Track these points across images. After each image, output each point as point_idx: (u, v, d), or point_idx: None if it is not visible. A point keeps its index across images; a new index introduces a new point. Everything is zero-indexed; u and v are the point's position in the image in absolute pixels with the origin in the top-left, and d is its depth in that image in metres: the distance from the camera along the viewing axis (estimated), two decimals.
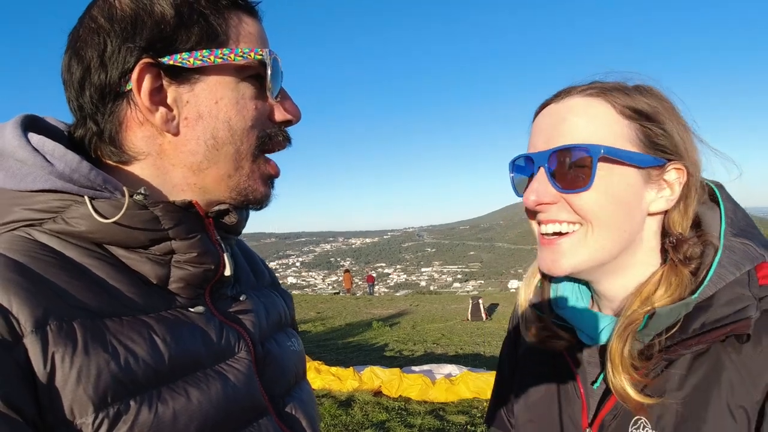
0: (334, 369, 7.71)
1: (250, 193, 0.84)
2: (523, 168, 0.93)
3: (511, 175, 0.97)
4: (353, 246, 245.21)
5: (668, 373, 0.85)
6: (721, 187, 0.95)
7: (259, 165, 0.84)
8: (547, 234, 0.90)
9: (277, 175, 0.87)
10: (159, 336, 0.71)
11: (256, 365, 0.85)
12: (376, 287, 38.24)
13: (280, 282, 1.17)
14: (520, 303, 1.11)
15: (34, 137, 0.71)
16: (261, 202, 0.86)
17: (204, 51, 0.75)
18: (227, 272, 0.85)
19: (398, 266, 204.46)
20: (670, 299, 0.84)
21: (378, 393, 7.23)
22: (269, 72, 0.80)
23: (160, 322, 0.73)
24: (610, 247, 0.87)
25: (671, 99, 0.90)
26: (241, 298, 0.91)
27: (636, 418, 0.87)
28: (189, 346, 0.74)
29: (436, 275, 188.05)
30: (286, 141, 0.87)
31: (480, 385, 7.02)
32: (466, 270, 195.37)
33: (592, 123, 0.85)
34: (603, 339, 0.95)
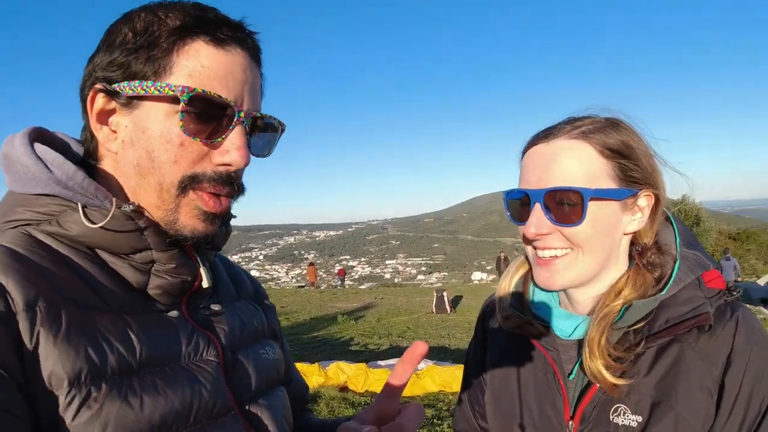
0: (299, 365, 7.60)
1: (176, 226, 0.83)
2: (518, 199, 1.08)
3: (506, 204, 1.12)
4: (317, 239, 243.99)
5: (637, 365, 1.00)
6: (669, 209, 1.13)
7: (187, 200, 0.82)
8: (544, 257, 1.05)
9: (216, 211, 0.84)
10: (134, 332, 0.77)
11: (224, 370, 0.88)
12: (339, 278, 38.02)
13: None
14: (500, 295, 1.22)
15: (39, 147, 0.80)
16: (189, 238, 0.84)
17: (136, 81, 0.78)
18: (204, 284, 0.92)
19: (363, 259, 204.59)
20: (636, 295, 1.02)
21: (344, 388, 7.20)
22: (180, 108, 0.78)
23: (136, 320, 0.79)
24: (595, 266, 1.05)
25: (637, 129, 1.05)
26: (216, 308, 0.95)
27: (615, 406, 1.00)
28: (161, 344, 0.80)
29: (400, 267, 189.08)
30: (226, 186, 0.84)
31: (446, 378, 7.07)
32: (430, 262, 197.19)
33: (578, 163, 1.00)
34: (576, 335, 1.09)
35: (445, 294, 17.17)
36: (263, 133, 0.90)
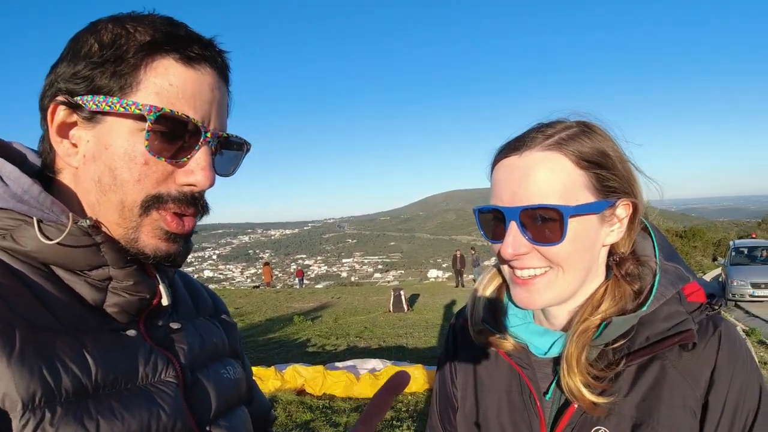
0: (255, 369, 7.38)
1: (137, 245, 0.81)
2: (491, 215, 1.01)
3: (479, 221, 1.05)
4: (272, 237, 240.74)
5: (617, 384, 0.95)
6: (647, 219, 1.08)
7: (149, 219, 0.80)
8: (522, 276, 0.99)
9: (178, 231, 0.83)
10: (89, 352, 0.75)
11: (184, 390, 0.86)
12: (296, 279, 37.71)
13: (196, 277, 1.17)
14: (472, 309, 1.17)
15: None
16: (150, 257, 0.82)
17: (101, 96, 0.76)
18: (164, 302, 0.89)
19: (319, 257, 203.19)
20: (616, 309, 0.97)
21: (301, 392, 7.09)
22: (146, 127, 0.76)
23: (92, 340, 0.77)
24: (576, 284, 1.00)
25: (610, 133, 1.00)
26: (175, 327, 0.93)
27: (595, 428, 0.95)
28: (117, 364, 0.78)
29: (357, 266, 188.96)
30: (190, 206, 0.83)
31: None
32: (387, 260, 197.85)
33: (554, 177, 0.93)
34: (552, 352, 1.04)
35: (402, 292, 17.19)
36: (228, 152, 0.89)
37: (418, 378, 7.06)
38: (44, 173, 0.84)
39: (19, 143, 0.89)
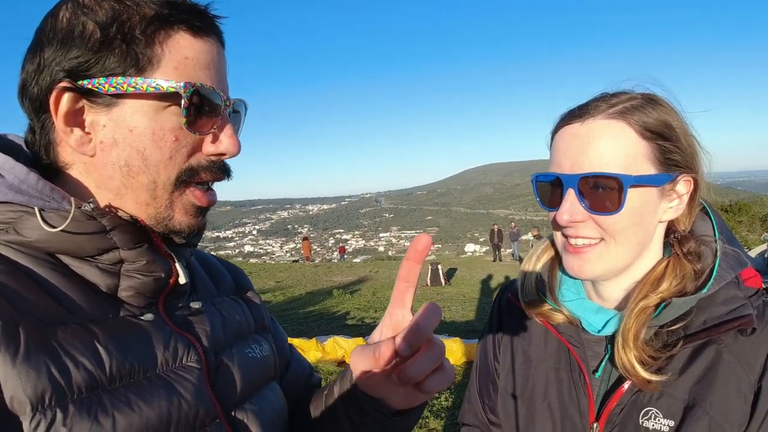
0: (296, 341, 7.66)
1: (171, 223, 0.81)
2: (549, 183, 1.00)
3: (535, 188, 1.04)
4: (310, 213, 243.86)
5: (670, 365, 0.94)
6: (706, 201, 1.05)
7: (182, 196, 0.80)
8: (576, 245, 0.99)
9: (206, 205, 0.84)
10: (102, 344, 0.72)
11: (208, 374, 0.84)
12: (335, 254, 38.27)
13: (237, 250, 1.09)
14: (523, 280, 1.16)
15: None
16: (185, 233, 0.83)
17: (119, 78, 0.72)
18: (182, 280, 0.86)
19: (356, 232, 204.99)
20: (676, 289, 0.95)
21: (342, 363, 7.26)
22: (183, 104, 0.75)
23: (105, 330, 0.73)
24: (629, 256, 0.98)
25: (675, 105, 0.97)
26: (196, 306, 0.90)
27: (646, 409, 0.94)
28: (133, 354, 0.75)
29: (394, 240, 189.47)
30: (221, 173, 0.84)
31: None
32: None
33: (616, 146, 0.92)
34: (606, 331, 1.03)
35: (439, 267, 17.25)
36: (233, 115, 0.88)
37: (456, 351, 7.14)
38: (42, 164, 0.80)
39: (14, 134, 0.85)
